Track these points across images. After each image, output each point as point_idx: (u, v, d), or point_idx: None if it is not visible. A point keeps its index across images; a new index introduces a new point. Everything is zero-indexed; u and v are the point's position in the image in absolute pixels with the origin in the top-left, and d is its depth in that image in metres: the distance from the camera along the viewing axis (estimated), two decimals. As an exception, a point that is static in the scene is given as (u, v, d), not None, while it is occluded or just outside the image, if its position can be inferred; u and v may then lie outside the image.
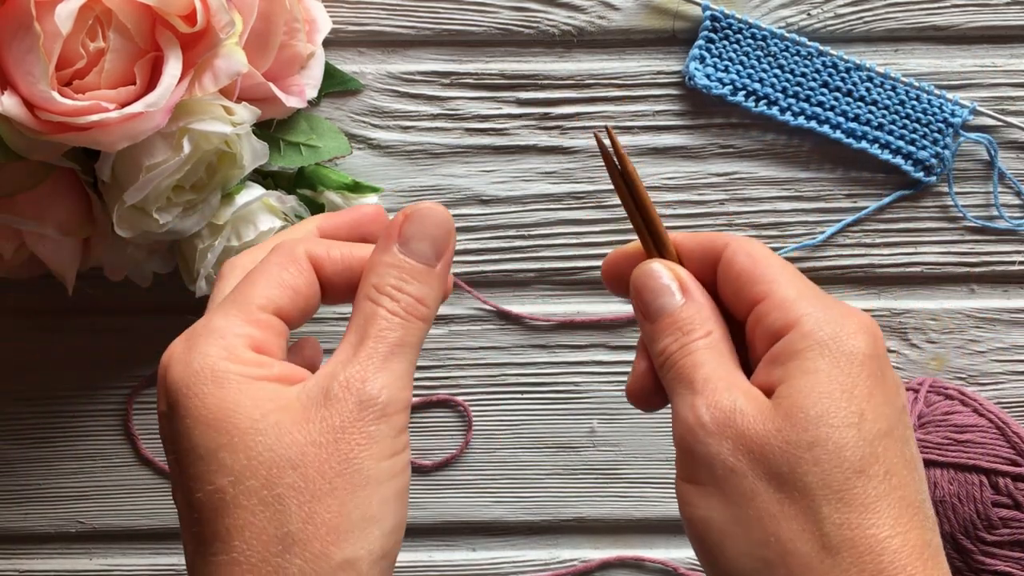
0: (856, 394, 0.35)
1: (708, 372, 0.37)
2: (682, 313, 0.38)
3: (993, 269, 0.64)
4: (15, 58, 0.47)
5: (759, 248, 0.38)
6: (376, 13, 0.62)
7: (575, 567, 0.64)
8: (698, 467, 0.35)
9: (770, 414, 0.35)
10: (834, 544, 0.33)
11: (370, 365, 0.35)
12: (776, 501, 0.34)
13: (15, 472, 0.64)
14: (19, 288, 0.62)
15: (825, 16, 0.62)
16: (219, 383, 0.34)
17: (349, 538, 0.33)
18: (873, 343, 0.36)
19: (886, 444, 0.34)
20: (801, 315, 0.36)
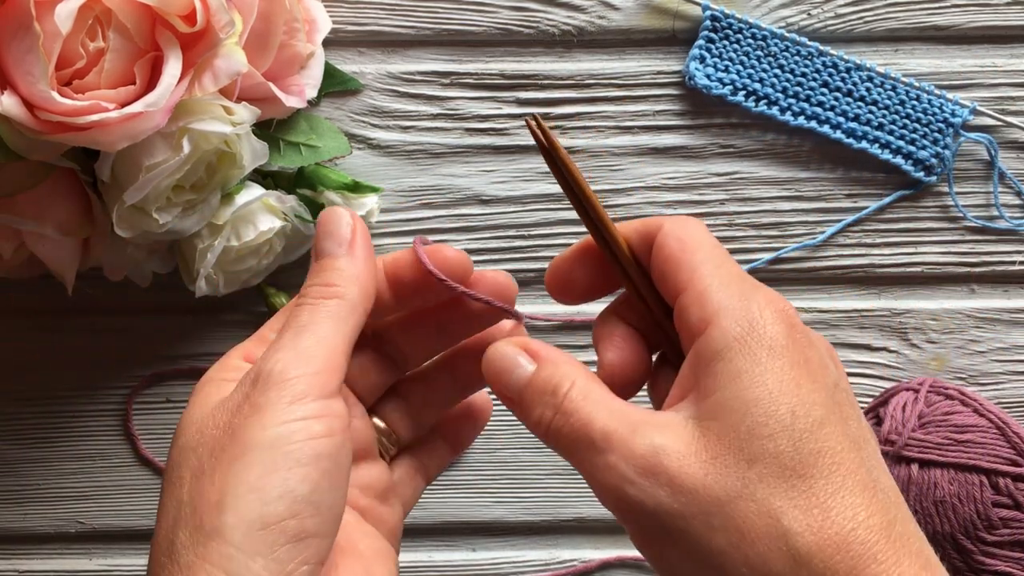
0: (784, 391, 0.33)
1: (603, 423, 0.35)
2: (538, 377, 0.37)
3: (993, 269, 0.64)
4: (15, 58, 0.47)
5: (692, 231, 0.37)
6: (376, 13, 0.62)
7: (575, 567, 0.64)
8: (644, 524, 0.34)
9: (698, 444, 0.33)
10: (803, 554, 0.32)
11: (271, 347, 0.36)
12: (735, 529, 0.32)
13: (15, 472, 0.64)
14: (19, 288, 0.62)
15: (825, 16, 0.62)
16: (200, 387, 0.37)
17: (223, 508, 0.33)
18: (789, 328, 0.34)
19: (825, 434, 0.33)
20: (718, 308, 0.34)
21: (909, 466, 0.58)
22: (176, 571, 0.33)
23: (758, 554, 0.32)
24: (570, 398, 0.36)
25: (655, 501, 0.33)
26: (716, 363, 0.34)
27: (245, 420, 0.34)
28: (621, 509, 0.34)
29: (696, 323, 0.35)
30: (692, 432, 0.34)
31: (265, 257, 0.59)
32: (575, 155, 0.63)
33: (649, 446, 0.33)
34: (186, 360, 0.63)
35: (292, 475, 0.33)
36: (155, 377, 0.63)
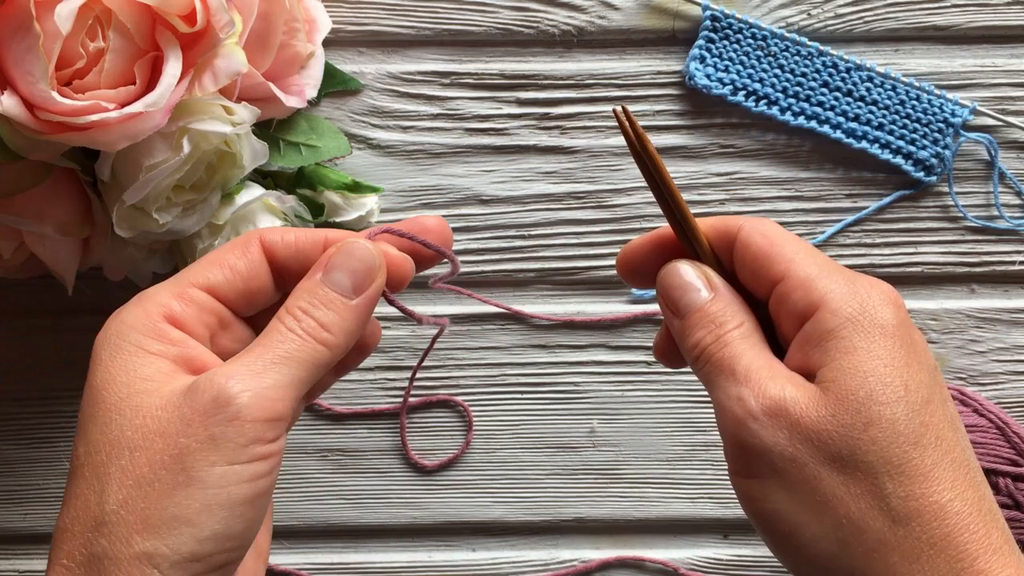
0: (896, 367, 0.35)
1: (748, 362, 0.37)
2: (712, 307, 0.39)
3: (993, 269, 0.64)
4: (15, 58, 0.47)
5: (772, 228, 0.39)
6: (376, 13, 0.62)
7: (575, 567, 0.64)
8: (755, 460, 0.36)
9: (820, 399, 0.35)
10: (902, 516, 0.34)
11: (244, 369, 0.35)
12: (841, 483, 0.35)
13: (15, 472, 0.64)
14: (19, 288, 0.62)
15: (825, 16, 0.62)
16: (115, 351, 0.36)
17: (155, 532, 0.33)
18: (898, 312, 0.37)
19: (931, 410, 0.35)
20: (825, 293, 0.37)
21: (909, 466, 0.58)
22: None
23: (860, 509, 0.34)
24: (732, 334, 0.38)
25: (773, 440, 0.35)
26: (829, 340, 0.36)
27: (197, 449, 0.33)
28: (738, 441, 0.36)
29: (804, 307, 0.37)
30: (816, 392, 0.36)
31: (265, 257, 0.59)
32: (575, 155, 0.63)
33: (781, 392, 0.36)
34: (186, 360, 0.63)
35: (230, 514, 0.34)
36: (155, 377, 0.63)
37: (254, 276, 0.39)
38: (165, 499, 0.33)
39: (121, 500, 0.33)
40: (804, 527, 0.35)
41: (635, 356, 0.64)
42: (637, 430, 0.64)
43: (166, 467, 0.33)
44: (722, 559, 0.64)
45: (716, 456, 0.64)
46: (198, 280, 0.38)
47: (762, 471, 0.36)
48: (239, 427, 0.34)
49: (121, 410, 0.34)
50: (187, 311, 0.37)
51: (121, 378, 0.35)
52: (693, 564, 0.64)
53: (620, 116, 0.39)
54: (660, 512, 0.64)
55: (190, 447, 0.33)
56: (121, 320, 0.36)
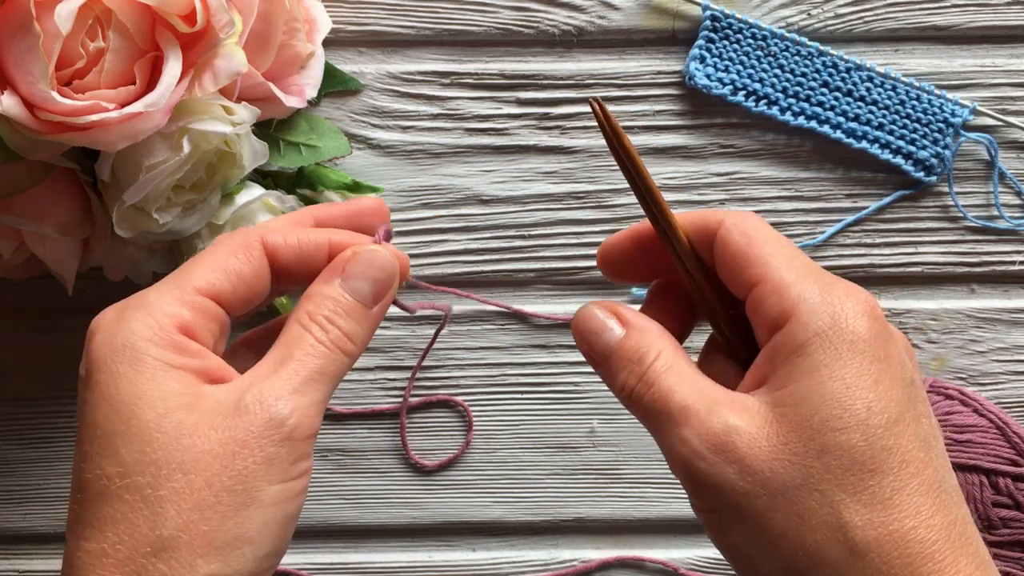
0: (862, 387, 0.34)
1: (682, 397, 0.36)
2: (626, 344, 0.37)
3: (993, 269, 0.64)
4: (15, 58, 0.47)
5: (754, 224, 0.37)
6: (376, 13, 0.62)
7: (575, 567, 0.64)
8: (709, 496, 0.35)
9: (771, 426, 0.34)
10: (860, 547, 0.33)
11: (287, 386, 0.35)
12: (796, 515, 0.33)
13: (15, 472, 0.64)
14: (19, 288, 0.62)
15: (825, 16, 0.62)
16: (135, 365, 0.34)
17: (220, 555, 0.32)
18: (873, 323, 0.35)
19: (897, 432, 0.34)
20: (797, 303, 0.35)
21: (909, 466, 0.58)
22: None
23: (816, 541, 0.33)
24: (654, 368, 0.36)
25: (723, 477, 0.34)
26: (796, 356, 0.34)
27: (255, 470, 0.33)
28: (690, 480, 0.35)
29: (776, 316, 0.35)
30: (766, 416, 0.34)
31: (265, 257, 0.59)
32: (575, 155, 0.63)
33: (723, 425, 0.34)
34: (186, 360, 0.63)
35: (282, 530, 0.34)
36: (155, 377, 0.63)
37: (258, 281, 0.38)
38: (229, 520, 0.33)
39: (181, 524, 0.32)
40: (762, 559, 0.34)
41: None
42: (637, 430, 0.64)
43: (226, 488, 0.33)
44: (722, 559, 0.64)
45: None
46: (203, 286, 0.37)
47: (717, 506, 0.35)
48: (291, 446, 0.34)
49: (162, 428, 0.33)
50: (198, 320, 0.36)
51: (153, 393, 0.34)
52: (693, 564, 0.64)
53: (596, 107, 0.38)
54: (660, 512, 0.64)
55: (249, 468, 0.33)
56: (131, 331, 0.35)
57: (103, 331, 0.36)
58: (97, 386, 0.35)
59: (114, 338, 0.35)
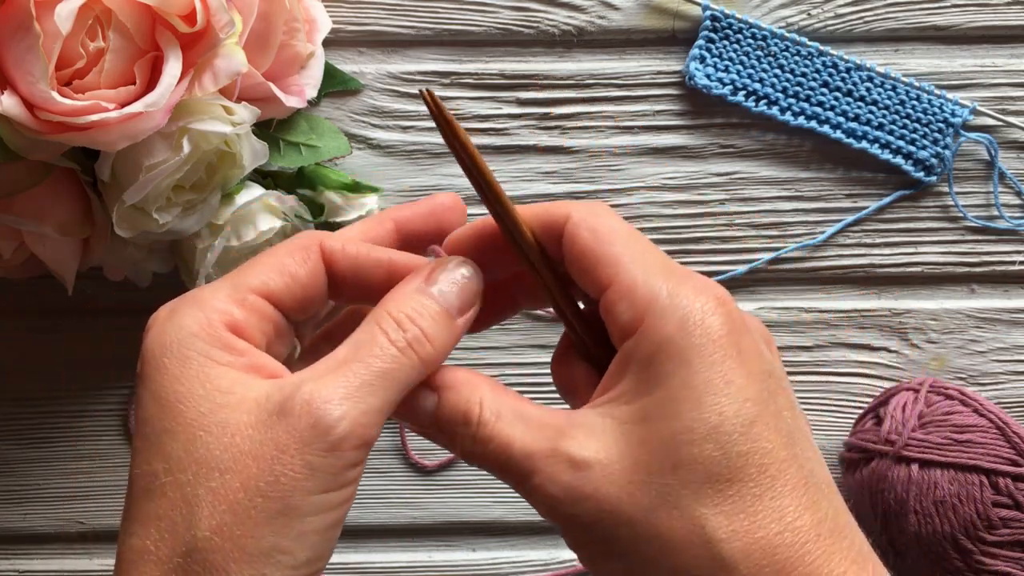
0: (712, 391, 0.32)
1: (521, 444, 0.34)
2: (443, 409, 0.35)
3: (993, 269, 0.64)
4: (15, 58, 0.47)
5: (601, 218, 0.35)
6: (376, 13, 0.62)
7: (575, 567, 0.64)
8: (576, 534, 0.34)
9: (620, 448, 0.33)
10: (728, 560, 0.31)
11: (341, 388, 0.32)
12: (659, 537, 0.32)
13: (15, 472, 0.64)
14: (19, 288, 0.62)
15: (825, 16, 0.62)
16: (183, 361, 0.33)
17: (253, 562, 0.31)
18: (725, 319, 0.33)
19: (755, 434, 0.32)
20: (647, 306, 0.33)
21: (909, 466, 0.58)
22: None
23: (683, 562, 0.32)
24: (483, 423, 0.34)
25: (585, 516, 0.33)
26: (646, 367, 0.33)
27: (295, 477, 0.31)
28: (557, 523, 0.34)
29: (628, 322, 0.34)
30: (614, 437, 0.33)
31: (265, 257, 0.59)
32: (575, 155, 0.63)
33: (569, 461, 0.33)
34: (186, 360, 0.63)
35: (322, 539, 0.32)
36: (155, 377, 0.63)
37: (313, 284, 0.36)
38: (263, 527, 0.31)
39: (215, 526, 0.31)
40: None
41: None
42: (637, 430, 0.64)
43: (262, 494, 0.31)
44: (722, 559, 0.64)
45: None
46: (256, 285, 0.35)
47: (586, 542, 0.33)
48: (337, 456, 0.32)
49: (206, 426, 0.32)
50: (249, 319, 0.35)
51: (198, 390, 0.33)
52: (693, 564, 0.64)
53: (427, 98, 0.35)
54: (660, 512, 0.64)
55: (287, 475, 0.31)
56: (181, 326, 0.34)
57: (156, 327, 0.34)
58: (148, 382, 0.34)
59: (164, 334, 0.34)
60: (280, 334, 0.37)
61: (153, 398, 0.33)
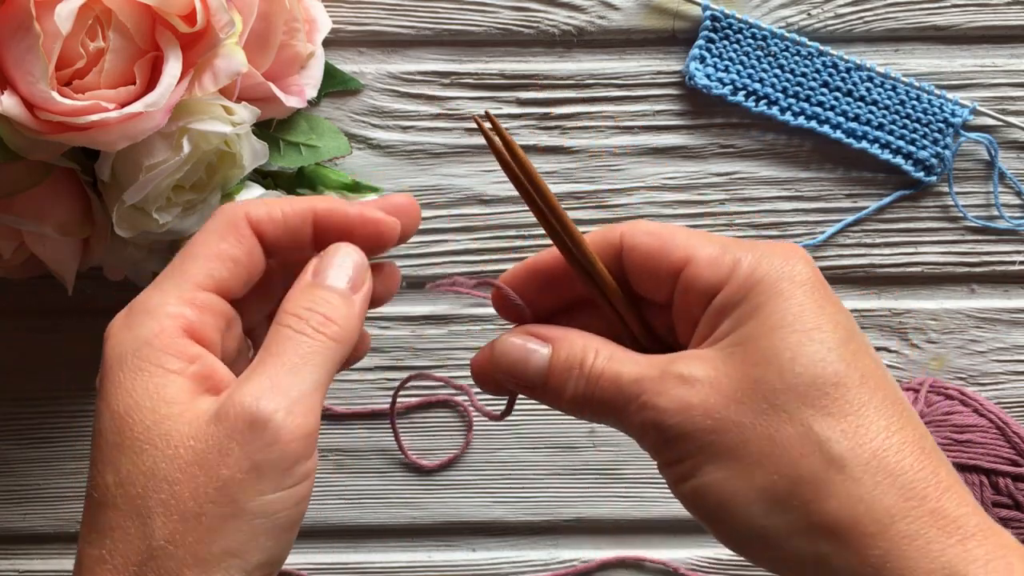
0: (809, 310, 0.34)
1: (631, 373, 0.35)
2: (558, 358, 0.37)
3: (993, 269, 0.64)
4: (15, 58, 0.47)
5: (655, 225, 0.37)
6: (376, 13, 0.62)
7: (575, 567, 0.64)
8: (678, 447, 0.34)
9: (727, 366, 0.34)
10: (837, 458, 0.32)
11: (267, 383, 0.33)
12: (768, 439, 0.33)
13: (15, 472, 0.64)
14: (19, 288, 0.62)
15: (825, 16, 0.62)
16: (136, 371, 0.34)
17: (206, 567, 0.32)
18: (809, 267, 0.35)
19: (852, 349, 0.34)
20: (734, 264, 0.35)
21: (909, 466, 0.58)
22: None
23: (791, 461, 0.32)
24: (596, 366, 0.36)
25: (691, 424, 0.34)
26: (739, 305, 0.35)
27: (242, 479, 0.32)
28: (659, 439, 0.35)
29: (714, 284, 0.35)
30: (720, 359, 0.34)
31: (265, 257, 0.59)
32: (575, 155, 0.63)
33: (678, 376, 0.34)
34: (186, 360, 0.63)
35: (276, 541, 0.33)
36: (155, 377, 0.63)
37: (252, 261, 0.37)
38: (214, 532, 0.32)
39: (168, 535, 0.32)
40: (740, 495, 0.33)
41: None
42: (637, 430, 0.64)
43: (212, 500, 0.32)
44: (722, 559, 0.64)
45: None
46: (203, 280, 0.36)
47: (689, 453, 0.34)
48: (280, 449, 0.33)
49: (151, 439, 0.33)
50: (203, 319, 0.36)
51: (145, 403, 0.33)
52: (693, 564, 0.64)
53: (482, 124, 0.37)
54: (660, 512, 0.64)
55: (234, 478, 0.32)
56: (136, 336, 0.34)
57: (112, 339, 0.35)
58: (103, 394, 0.34)
59: (120, 345, 0.35)
60: (230, 323, 0.38)
61: (107, 409, 0.34)
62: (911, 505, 0.32)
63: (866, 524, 0.32)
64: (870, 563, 0.31)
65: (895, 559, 0.31)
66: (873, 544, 0.32)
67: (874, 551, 0.31)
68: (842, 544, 0.32)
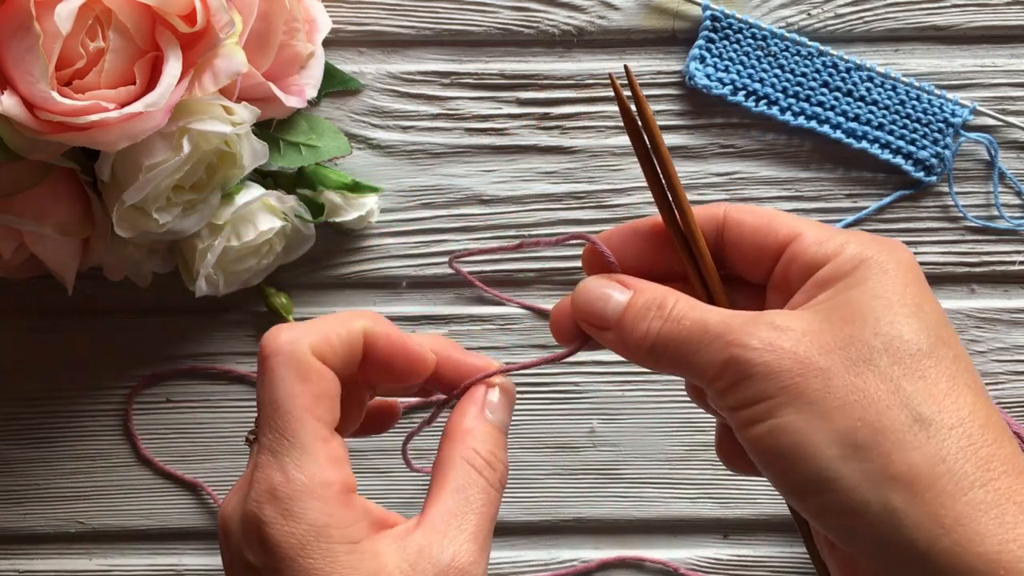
0: (911, 291, 0.34)
1: (718, 318, 0.35)
2: (638, 300, 0.37)
3: (993, 269, 0.64)
4: (15, 58, 0.47)
5: (760, 208, 0.39)
6: (376, 13, 0.62)
7: (575, 567, 0.64)
8: (758, 386, 0.34)
9: (822, 322, 0.34)
10: (924, 417, 0.32)
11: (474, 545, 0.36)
12: (855, 388, 0.33)
13: (15, 472, 0.64)
14: (19, 288, 0.62)
15: (825, 16, 0.62)
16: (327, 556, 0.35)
17: None
18: (912, 256, 0.36)
19: (948, 332, 0.34)
20: (844, 243, 0.36)
21: (909, 466, 0.58)
22: None
23: (878, 412, 0.32)
24: (678, 308, 0.36)
25: (777, 364, 0.33)
26: (847, 277, 0.35)
27: None
28: (745, 379, 0.34)
29: (821, 257, 0.36)
30: (815, 316, 0.35)
31: (265, 257, 0.59)
32: (575, 155, 0.63)
33: (770, 323, 0.34)
34: (186, 360, 0.63)
35: None
36: (155, 377, 0.63)
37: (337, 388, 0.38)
38: None
39: None
40: (815, 437, 0.33)
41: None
42: (637, 430, 0.64)
43: None
44: (722, 559, 0.64)
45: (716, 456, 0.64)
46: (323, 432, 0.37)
47: (768, 393, 0.34)
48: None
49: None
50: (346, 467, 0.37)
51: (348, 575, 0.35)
52: (693, 564, 0.64)
53: (614, 79, 0.38)
54: (660, 512, 0.64)
55: None
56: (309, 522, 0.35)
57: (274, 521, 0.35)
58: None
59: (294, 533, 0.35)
60: None
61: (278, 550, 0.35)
62: (990, 476, 0.32)
63: (944, 483, 0.31)
64: (942, 523, 0.31)
65: (969, 523, 0.31)
66: (950, 504, 0.31)
67: (949, 511, 0.31)
68: (916, 499, 0.32)
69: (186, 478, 0.64)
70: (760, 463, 0.35)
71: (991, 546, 0.31)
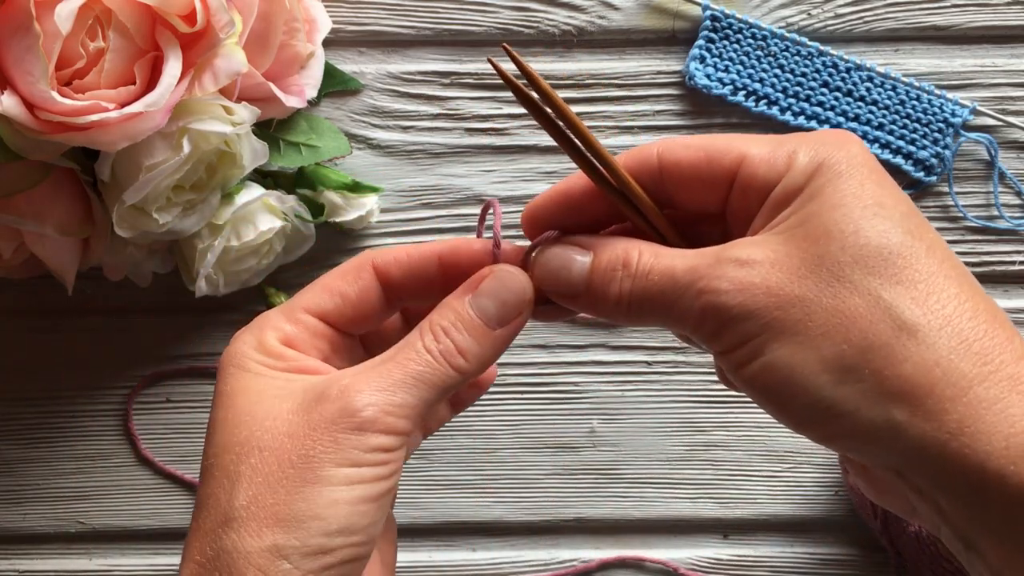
0: (869, 189, 0.33)
1: (684, 264, 0.35)
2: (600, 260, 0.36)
3: (993, 269, 0.64)
4: (15, 58, 0.47)
5: (690, 138, 0.37)
6: (376, 13, 0.62)
7: (575, 567, 0.64)
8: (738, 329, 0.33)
9: (787, 246, 0.33)
10: (909, 324, 0.31)
11: (372, 382, 0.35)
12: (835, 310, 0.32)
13: (15, 472, 0.64)
14: (19, 288, 0.62)
15: (825, 16, 0.62)
16: (242, 367, 0.37)
17: (284, 527, 0.33)
18: (866, 150, 0.35)
19: (916, 223, 0.33)
20: (790, 155, 0.35)
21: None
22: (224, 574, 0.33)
23: (860, 329, 0.32)
24: (643, 262, 0.36)
25: (752, 303, 0.33)
26: (797, 192, 0.34)
27: (323, 451, 0.34)
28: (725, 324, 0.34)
29: (773, 177, 0.35)
30: (777, 241, 0.34)
31: (265, 257, 0.59)
32: (575, 155, 0.63)
33: (735, 259, 0.33)
34: (186, 360, 0.63)
35: (356, 510, 0.34)
36: (155, 377, 0.63)
37: (364, 301, 0.39)
38: (294, 495, 0.34)
39: (251, 496, 0.34)
40: (805, 368, 0.32)
41: (635, 356, 0.64)
42: (637, 430, 0.64)
43: (294, 465, 0.34)
44: (722, 559, 0.64)
45: (716, 456, 0.64)
46: (308, 305, 0.39)
47: (750, 334, 0.33)
48: (362, 436, 0.34)
49: (252, 412, 0.36)
50: (299, 333, 0.38)
51: (251, 386, 0.36)
52: (693, 564, 0.64)
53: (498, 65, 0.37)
54: (660, 512, 0.64)
55: (316, 449, 0.34)
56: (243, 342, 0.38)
57: (228, 348, 0.38)
58: (217, 386, 0.38)
59: (230, 348, 0.38)
60: (337, 349, 0.40)
61: (218, 397, 0.37)
62: (988, 370, 0.31)
63: (943, 388, 0.31)
64: (947, 428, 0.31)
65: (973, 423, 0.30)
66: (951, 408, 0.31)
67: (952, 416, 0.31)
68: (917, 410, 0.31)
69: (186, 478, 0.64)
70: (758, 401, 0.34)
71: (998, 443, 0.30)
